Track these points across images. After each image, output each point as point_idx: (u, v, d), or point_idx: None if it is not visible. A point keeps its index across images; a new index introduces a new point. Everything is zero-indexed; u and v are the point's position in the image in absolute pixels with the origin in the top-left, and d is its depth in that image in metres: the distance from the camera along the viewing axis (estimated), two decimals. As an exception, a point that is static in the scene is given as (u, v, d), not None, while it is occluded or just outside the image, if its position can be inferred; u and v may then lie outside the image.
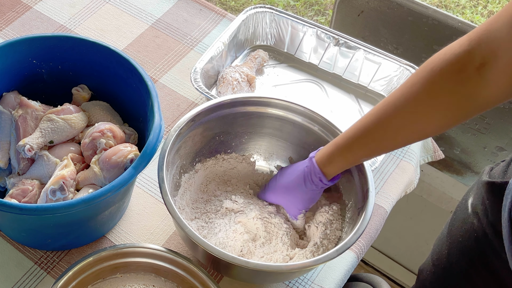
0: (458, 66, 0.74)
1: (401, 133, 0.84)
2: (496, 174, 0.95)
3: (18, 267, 0.99)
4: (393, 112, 0.82)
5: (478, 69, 0.73)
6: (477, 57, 0.72)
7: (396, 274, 1.89)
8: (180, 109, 1.21)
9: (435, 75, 0.76)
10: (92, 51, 1.02)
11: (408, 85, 0.80)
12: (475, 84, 0.74)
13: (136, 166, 0.89)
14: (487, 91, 0.74)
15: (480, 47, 0.72)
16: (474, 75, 0.73)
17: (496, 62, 0.71)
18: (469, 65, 0.73)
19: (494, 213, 0.92)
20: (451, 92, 0.76)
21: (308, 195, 0.98)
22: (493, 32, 0.71)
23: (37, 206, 0.84)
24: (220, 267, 0.96)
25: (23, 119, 1.00)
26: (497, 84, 0.73)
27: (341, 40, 1.26)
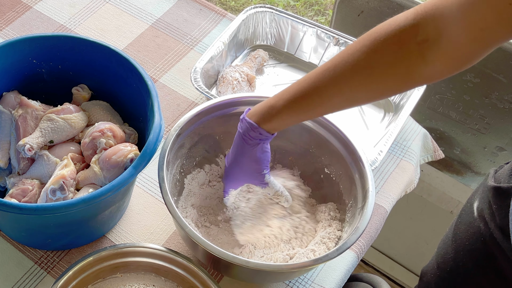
0: (401, 38, 0.73)
1: (335, 100, 0.82)
2: (502, 178, 0.95)
3: (18, 267, 0.99)
4: (331, 78, 0.80)
5: (419, 44, 0.72)
6: (420, 32, 0.72)
7: (396, 274, 1.89)
8: (180, 109, 1.21)
9: (377, 45, 0.75)
10: (92, 51, 1.02)
11: (349, 52, 0.79)
12: (415, 60, 0.73)
13: (136, 166, 0.89)
14: (425, 68, 0.73)
15: (425, 23, 0.71)
16: (415, 50, 0.73)
17: (438, 41, 0.70)
18: (411, 39, 0.72)
19: (502, 217, 0.92)
20: (390, 64, 0.75)
21: (256, 153, 0.93)
22: (441, 9, 0.70)
23: (37, 206, 0.84)
24: (220, 267, 0.96)
25: (23, 118, 1.00)
26: (435, 63, 0.72)
27: (341, 39, 1.26)
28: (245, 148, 0.93)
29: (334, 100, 0.82)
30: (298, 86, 0.85)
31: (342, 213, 1.01)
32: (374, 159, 1.10)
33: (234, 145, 0.95)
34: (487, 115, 1.37)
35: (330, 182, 1.04)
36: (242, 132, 0.91)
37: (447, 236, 1.10)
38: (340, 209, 1.02)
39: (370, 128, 1.21)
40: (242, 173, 0.97)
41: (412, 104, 1.18)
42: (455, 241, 1.05)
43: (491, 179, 0.96)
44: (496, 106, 1.34)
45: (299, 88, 0.84)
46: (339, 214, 1.01)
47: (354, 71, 0.78)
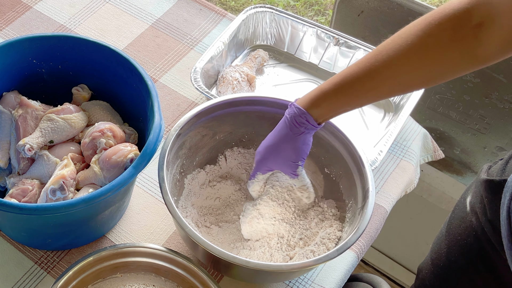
0: (455, 22, 0.75)
1: (389, 83, 0.83)
2: (494, 172, 0.95)
3: (18, 267, 0.99)
4: (384, 62, 0.81)
5: (474, 28, 0.74)
6: (475, 17, 0.74)
7: (396, 274, 1.89)
8: (180, 109, 1.21)
9: (432, 28, 0.77)
10: (92, 51, 1.02)
11: (403, 36, 0.80)
12: (469, 43, 0.75)
13: (136, 166, 0.89)
14: (480, 50, 0.75)
15: (479, 7, 0.73)
16: (470, 34, 0.75)
17: (493, 24, 0.73)
18: (466, 23, 0.74)
19: (493, 211, 0.92)
20: (445, 47, 0.77)
21: (298, 142, 0.92)
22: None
23: (37, 206, 0.84)
24: (220, 267, 0.96)
25: (23, 118, 1.00)
26: (490, 45, 0.74)
27: (341, 39, 1.26)
28: (288, 135, 0.92)
29: (387, 83, 0.83)
30: (349, 70, 0.85)
31: (342, 213, 1.01)
32: (374, 159, 1.10)
33: (276, 129, 0.94)
34: (487, 115, 1.37)
35: (330, 182, 1.04)
36: (290, 118, 0.91)
37: (441, 231, 1.10)
38: (340, 209, 1.02)
39: (370, 128, 1.21)
40: (278, 158, 0.95)
41: (412, 104, 1.18)
42: (448, 236, 1.05)
43: (484, 173, 0.97)
44: (496, 106, 1.34)
45: (350, 72, 0.85)
46: (339, 214, 1.01)
47: (408, 54, 0.79)
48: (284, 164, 0.96)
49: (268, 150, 0.95)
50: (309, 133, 0.92)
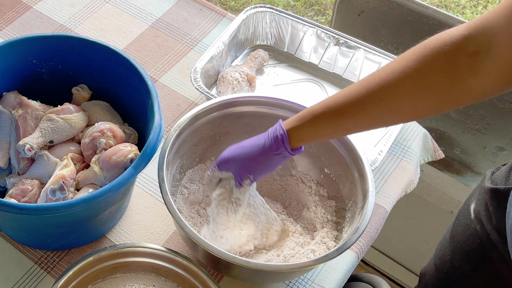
0: (451, 48, 0.73)
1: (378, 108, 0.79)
2: (498, 180, 0.95)
3: (18, 267, 0.99)
4: (376, 84, 0.78)
5: (470, 56, 0.72)
6: (471, 44, 0.71)
7: (396, 274, 1.89)
8: (180, 109, 1.21)
9: (426, 53, 0.75)
10: (92, 51, 1.02)
11: (398, 60, 0.77)
12: (464, 71, 0.72)
13: (136, 166, 0.89)
14: (475, 81, 0.72)
15: (476, 35, 0.71)
16: (465, 62, 0.72)
17: (489, 53, 0.70)
18: (462, 50, 0.72)
19: (499, 219, 0.92)
20: (440, 72, 0.74)
21: (263, 157, 0.88)
22: (491, 22, 0.70)
23: (37, 206, 0.84)
24: (220, 267, 0.96)
25: (23, 118, 1.00)
26: (485, 76, 0.71)
27: (341, 39, 1.26)
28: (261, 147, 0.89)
29: (377, 108, 0.79)
30: (341, 91, 0.82)
31: (342, 213, 1.01)
32: (374, 159, 1.10)
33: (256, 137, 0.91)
34: (487, 115, 1.37)
35: (330, 182, 1.04)
36: (270, 130, 0.88)
37: (444, 237, 1.10)
38: (340, 209, 1.02)
39: (370, 128, 1.21)
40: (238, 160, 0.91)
41: (412, 104, 1.18)
42: (452, 243, 1.05)
43: (488, 180, 0.96)
44: (496, 106, 1.34)
45: (341, 93, 0.82)
46: (339, 214, 1.01)
47: (400, 78, 0.76)
48: (239, 170, 0.91)
49: (236, 150, 0.92)
50: (281, 157, 0.89)
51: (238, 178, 0.91)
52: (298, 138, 0.87)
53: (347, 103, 0.80)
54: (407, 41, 1.40)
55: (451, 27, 0.76)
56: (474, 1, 2.24)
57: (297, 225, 1.02)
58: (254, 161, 0.90)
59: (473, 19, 0.74)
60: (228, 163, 0.92)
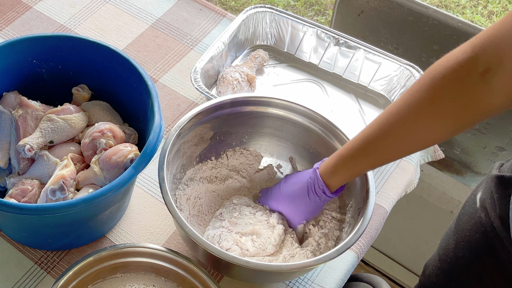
0: (461, 73, 0.73)
1: (404, 142, 0.83)
2: (506, 169, 0.96)
3: (18, 267, 0.99)
4: (396, 121, 0.81)
5: (483, 75, 0.71)
6: (481, 63, 0.71)
7: (396, 274, 1.89)
8: (180, 109, 1.21)
9: (437, 82, 0.75)
10: (92, 51, 1.02)
11: (411, 93, 0.79)
12: (480, 91, 0.73)
13: (136, 166, 0.89)
14: (492, 97, 0.72)
15: (485, 53, 0.71)
16: (479, 82, 0.72)
17: (502, 68, 0.70)
18: (473, 72, 0.72)
19: (503, 207, 0.93)
20: (454, 99, 0.75)
21: (311, 207, 0.97)
22: (499, 37, 0.70)
23: (37, 206, 0.84)
24: (221, 267, 0.96)
25: (23, 119, 1.00)
26: (503, 90, 0.71)
27: (341, 39, 1.26)
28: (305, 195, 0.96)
29: (403, 143, 0.83)
30: (363, 133, 0.86)
31: (342, 213, 1.01)
32: (374, 159, 1.10)
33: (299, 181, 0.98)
34: (487, 115, 1.37)
35: (330, 182, 1.04)
36: (310, 182, 0.94)
37: (449, 228, 1.10)
38: (340, 209, 1.02)
39: (370, 128, 1.21)
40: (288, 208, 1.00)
41: (412, 104, 1.18)
42: (457, 232, 1.05)
43: (495, 170, 0.97)
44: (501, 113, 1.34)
45: (364, 135, 0.86)
46: (339, 214, 1.01)
47: (417, 111, 0.78)
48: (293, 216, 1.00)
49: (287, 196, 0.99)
50: (322, 203, 0.97)
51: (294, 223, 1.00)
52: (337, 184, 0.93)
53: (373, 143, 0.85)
54: (407, 41, 1.40)
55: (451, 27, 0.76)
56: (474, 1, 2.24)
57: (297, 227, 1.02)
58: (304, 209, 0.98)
59: (476, 36, 0.73)
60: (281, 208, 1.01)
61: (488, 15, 2.19)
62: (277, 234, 0.97)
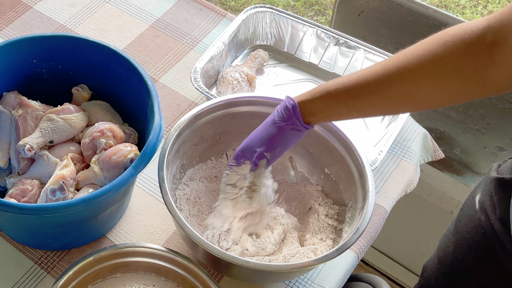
0: (471, 36, 0.74)
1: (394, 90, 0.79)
2: (504, 171, 0.96)
3: (18, 267, 0.99)
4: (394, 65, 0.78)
5: (489, 46, 0.73)
6: (490, 34, 0.73)
7: (396, 274, 1.89)
8: (180, 109, 1.21)
9: (447, 38, 0.76)
10: (92, 51, 1.02)
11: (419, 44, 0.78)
12: (482, 60, 0.74)
13: (136, 166, 0.89)
14: (492, 71, 0.73)
15: (495, 26, 0.73)
16: (483, 51, 0.73)
17: (506, 45, 0.71)
18: (481, 40, 0.73)
19: (502, 208, 0.93)
20: (459, 59, 0.75)
21: (275, 132, 0.85)
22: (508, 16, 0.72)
23: (37, 206, 0.84)
24: (220, 267, 0.96)
25: (23, 119, 1.00)
26: (503, 67, 0.72)
27: (341, 39, 1.26)
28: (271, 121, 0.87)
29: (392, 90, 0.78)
30: (360, 71, 0.82)
31: (342, 213, 1.01)
32: (374, 159, 1.10)
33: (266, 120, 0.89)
34: (487, 115, 1.37)
35: (330, 182, 1.04)
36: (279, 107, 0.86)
37: (448, 230, 1.10)
38: (340, 209, 1.02)
39: (370, 128, 1.21)
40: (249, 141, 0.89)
41: (412, 104, 1.18)
42: (456, 234, 1.05)
43: (494, 171, 0.97)
44: (496, 106, 1.34)
45: (359, 72, 0.81)
46: (339, 214, 1.01)
47: (419, 61, 0.76)
48: (251, 147, 0.88)
49: (248, 138, 0.90)
50: (293, 129, 0.85)
51: (254, 159, 0.88)
52: (309, 112, 0.84)
53: (362, 82, 0.80)
54: (407, 41, 1.40)
55: (451, 27, 0.76)
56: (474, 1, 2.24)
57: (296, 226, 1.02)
58: (267, 137, 0.87)
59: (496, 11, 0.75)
60: (244, 151, 0.90)
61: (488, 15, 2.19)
62: (277, 233, 0.97)
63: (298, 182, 1.08)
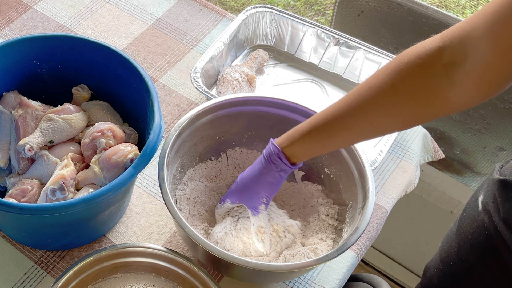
0: (425, 60, 0.73)
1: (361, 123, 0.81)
2: (507, 172, 0.96)
3: (18, 267, 0.99)
4: (357, 100, 0.79)
5: (445, 66, 0.71)
6: (446, 54, 0.71)
7: (396, 274, 1.89)
8: (180, 109, 1.21)
9: (401, 66, 0.75)
10: (92, 51, 1.02)
11: (375, 75, 0.79)
12: (440, 82, 0.72)
13: (136, 166, 0.89)
14: (451, 92, 0.72)
15: (452, 45, 0.71)
16: (440, 73, 0.72)
17: (465, 62, 0.70)
18: (437, 61, 0.72)
19: (506, 210, 0.93)
20: (415, 85, 0.74)
21: (267, 177, 0.92)
22: (468, 31, 0.70)
23: (37, 206, 0.84)
24: (220, 267, 0.96)
25: (23, 119, 1.00)
26: (462, 86, 0.71)
27: (341, 39, 1.26)
28: (261, 171, 0.93)
29: (360, 123, 0.81)
30: (326, 109, 0.85)
31: (342, 213, 1.01)
32: (374, 159, 1.10)
33: (254, 164, 0.95)
34: (487, 115, 1.37)
35: (330, 182, 1.04)
36: (265, 154, 0.92)
37: (451, 230, 1.10)
38: (340, 209, 1.02)
39: (370, 128, 1.21)
40: (244, 191, 0.96)
41: (412, 104, 1.17)
42: (459, 235, 1.05)
43: (496, 173, 0.97)
44: (496, 106, 1.34)
45: (326, 111, 0.84)
46: (339, 214, 1.01)
47: (379, 93, 0.77)
48: (250, 198, 0.95)
49: (240, 180, 0.96)
50: (282, 172, 0.92)
51: (253, 207, 0.95)
52: (292, 155, 0.90)
53: (331, 121, 0.83)
54: (407, 41, 1.40)
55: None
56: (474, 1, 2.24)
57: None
58: (260, 184, 0.93)
59: (448, 28, 0.73)
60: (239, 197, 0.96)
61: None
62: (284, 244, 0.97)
63: (298, 182, 1.08)
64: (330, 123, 0.83)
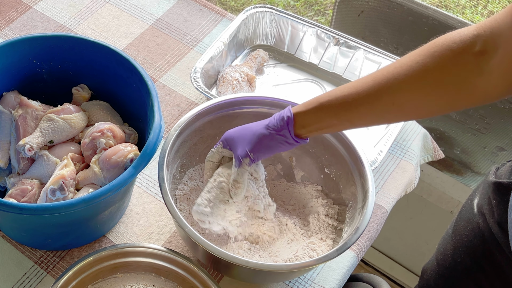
0: (459, 46, 0.74)
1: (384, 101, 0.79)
2: (502, 175, 0.96)
3: (18, 267, 0.99)
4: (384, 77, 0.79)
5: (477, 55, 0.72)
6: (478, 43, 0.72)
7: (396, 274, 1.89)
8: (180, 109, 1.21)
9: (435, 48, 0.75)
10: (92, 51, 1.02)
11: (409, 55, 0.78)
12: (470, 70, 0.73)
13: (136, 166, 0.89)
14: (480, 81, 0.73)
15: (485, 34, 0.72)
16: (471, 60, 0.73)
17: (495, 53, 0.71)
18: (469, 49, 0.73)
19: (501, 212, 0.93)
20: (445, 69, 0.75)
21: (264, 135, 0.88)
22: (499, 23, 0.71)
23: (37, 206, 0.84)
24: (220, 267, 0.96)
25: (23, 118, 1.00)
26: (490, 76, 0.72)
27: (341, 39, 1.26)
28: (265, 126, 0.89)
29: (382, 101, 0.79)
30: (351, 83, 0.83)
31: (342, 213, 1.01)
32: (374, 159, 1.10)
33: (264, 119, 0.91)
34: (487, 115, 1.37)
35: (330, 182, 1.04)
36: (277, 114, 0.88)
37: (447, 233, 1.10)
38: (340, 209, 1.02)
39: (370, 128, 1.21)
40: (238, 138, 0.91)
41: (412, 104, 1.18)
42: (455, 237, 1.05)
43: (492, 175, 0.97)
44: (496, 106, 1.34)
45: (351, 84, 0.83)
46: (339, 214, 1.01)
47: (408, 73, 0.77)
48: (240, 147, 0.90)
49: (241, 129, 0.92)
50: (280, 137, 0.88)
51: (238, 156, 0.90)
52: (302, 123, 0.86)
53: (353, 94, 0.81)
54: (407, 41, 1.40)
55: (451, 27, 0.76)
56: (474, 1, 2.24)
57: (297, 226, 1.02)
58: (256, 139, 0.89)
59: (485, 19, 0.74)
60: (232, 140, 0.92)
61: (488, 15, 2.19)
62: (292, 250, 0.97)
63: (298, 182, 1.08)
64: (351, 95, 0.81)
